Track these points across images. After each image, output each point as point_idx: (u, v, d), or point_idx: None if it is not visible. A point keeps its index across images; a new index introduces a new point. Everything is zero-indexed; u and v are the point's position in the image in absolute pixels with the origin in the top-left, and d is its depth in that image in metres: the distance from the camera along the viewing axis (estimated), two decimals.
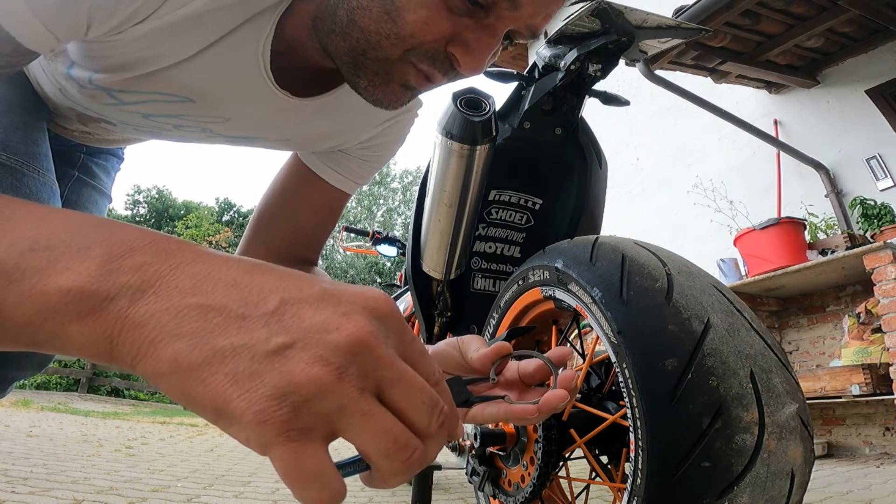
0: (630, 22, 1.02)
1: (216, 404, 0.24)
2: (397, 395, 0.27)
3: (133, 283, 0.26)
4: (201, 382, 0.25)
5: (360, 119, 0.76)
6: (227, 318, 0.26)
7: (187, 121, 0.71)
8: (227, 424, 0.25)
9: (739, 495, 0.62)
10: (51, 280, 0.26)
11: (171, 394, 0.26)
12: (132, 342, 0.25)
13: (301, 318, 0.26)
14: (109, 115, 0.71)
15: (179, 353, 0.25)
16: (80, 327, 0.26)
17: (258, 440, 0.25)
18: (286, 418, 0.24)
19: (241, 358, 0.25)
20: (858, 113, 3.63)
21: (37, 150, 0.71)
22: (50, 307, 0.26)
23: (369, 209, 26.07)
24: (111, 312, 0.26)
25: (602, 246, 0.82)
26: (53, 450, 2.84)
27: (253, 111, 0.68)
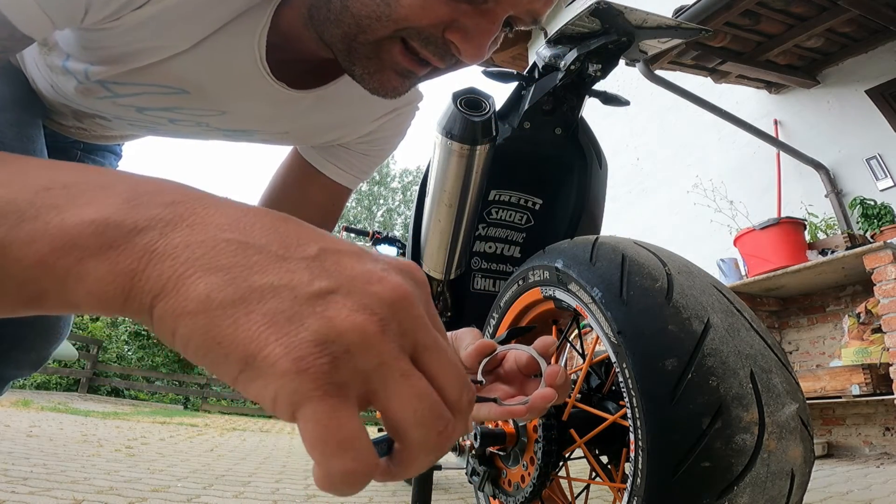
0: (630, 22, 1.02)
1: (247, 350, 0.22)
2: (432, 361, 0.25)
3: (164, 217, 0.24)
4: (233, 323, 0.22)
5: (359, 112, 0.76)
6: (266, 257, 0.24)
7: (182, 114, 0.70)
8: (254, 376, 0.22)
9: (739, 495, 0.62)
10: (70, 213, 0.24)
11: (191, 340, 0.22)
12: (157, 276, 0.23)
13: (343, 266, 0.25)
14: (103, 109, 0.71)
15: (212, 288, 0.22)
16: (98, 262, 0.23)
17: (292, 394, 0.21)
18: (326, 369, 0.22)
19: (282, 298, 0.23)
20: (858, 113, 3.63)
21: (31, 148, 0.70)
22: (68, 241, 0.23)
23: (369, 209, 26.07)
24: (137, 245, 0.23)
25: (602, 246, 0.82)
26: (53, 450, 2.84)
27: (249, 103, 0.68)
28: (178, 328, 0.22)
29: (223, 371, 0.23)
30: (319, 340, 0.22)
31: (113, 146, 0.97)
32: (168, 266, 0.23)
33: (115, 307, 0.24)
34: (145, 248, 0.23)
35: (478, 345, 0.47)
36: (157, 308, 0.23)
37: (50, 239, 0.23)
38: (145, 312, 0.23)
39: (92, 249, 0.23)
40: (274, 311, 0.22)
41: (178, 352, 0.25)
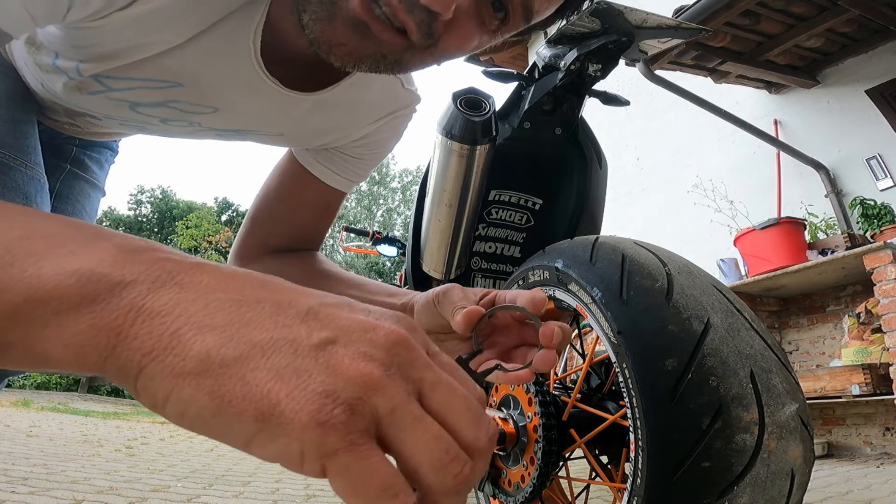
0: (630, 22, 1.02)
1: (261, 407, 0.21)
2: (440, 399, 0.24)
3: (152, 273, 0.23)
4: (241, 380, 0.21)
5: (356, 116, 0.75)
6: (261, 314, 0.23)
7: (174, 112, 0.69)
8: (273, 435, 0.21)
9: (739, 495, 0.62)
10: (50, 263, 0.22)
11: (192, 403, 0.21)
12: (147, 334, 0.21)
13: (337, 318, 0.24)
14: (94, 107, 0.70)
15: (211, 346, 0.21)
16: (79, 316, 0.22)
17: (318, 449, 0.21)
18: (345, 418, 0.21)
19: (284, 353, 0.22)
20: (858, 113, 3.63)
21: (25, 144, 0.69)
22: (45, 291, 0.22)
23: (369, 209, 26.07)
24: (124, 299, 0.22)
25: (602, 246, 0.82)
26: (53, 450, 2.84)
27: (243, 101, 0.67)
28: (175, 391, 0.21)
29: (234, 433, 0.21)
30: (329, 391, 0.21)
31: (110, 142, 0.97)
32: (158, 324, 0.22)
33: (92, 364, 0.22)
34: (132, 303, 0.22)
35: (465, 313, 0.46)
36: (148, 369, 0.21)
37: (25, 288, 0.22)
38: (130, 373, 0.22)
39: (72, 301, 0.22)
40: (279, 365, 0.22)
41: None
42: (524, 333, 0.48)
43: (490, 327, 0.49)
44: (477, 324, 0.47)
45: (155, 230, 23.40)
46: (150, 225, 23.90)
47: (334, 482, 0.21)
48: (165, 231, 23.01)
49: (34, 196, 0.69)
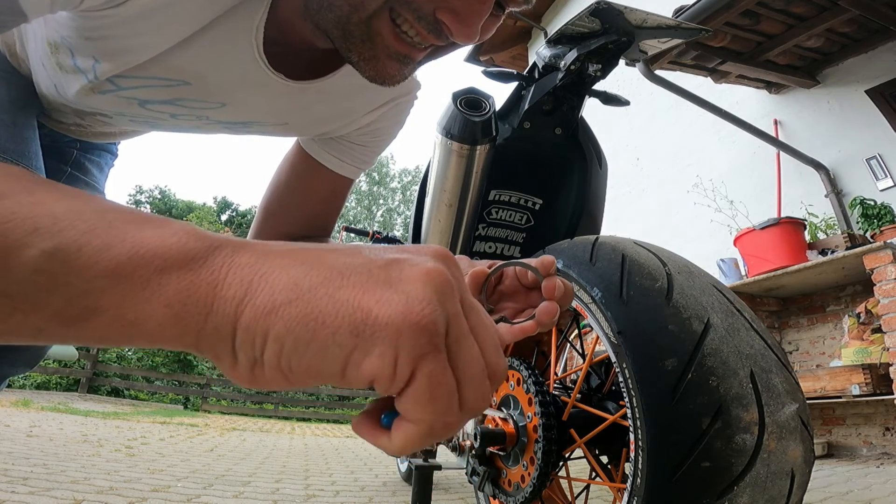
0: (630, 22, 1.02)
1: (354, 319, 0.22)
2: (475, 322, 0.26)
3: (231, 241, 0.25)
4: (330, 299, 0.22)
5: (357, 103, 0.77)
6: (331, 253, 0.25)
7: (183, 108, 0.70)
8: (370, 346, 0.22)
9: (739, 495, 0.62)
10: (148, 228, 0.23)
11: (289, 334, 0.22)
12: (239, 282, 0.23)
13: (394, 248, 0.26)
14: (105, 106, 0.71)
15: (297, 276, 0.23)
16: (182, 274, 0.23)
17: (413, 351, 0.22)
18: (434, 317, 0.23)
19: (362, 271, 0.24)
20: (858, 113, 3.63)
21: (26, 148, 0.70)
22: (148, 249, 0.22)
23: (369, 209, 26.07)
24: (217, 257, 0.23)
25: (602, 246, 0.82)
26: (53, 450, 2.84)
27: (248, 95, 0.69)
28: (271, 326, 0.22)
29: (331, 357, 0.22)
30: (413, 295, 0.23)
31: (110, 146, 0.98)
32: (248, 272, 0.23)
33: (192, 325, 0.23)
34: (223, 260, 0.23)
35: (471, 274, 0.48)
36: (245, 314, 0.22)
37: (129, 245, 0.22)
38: (227, 330, 0.22)
39: (174, 259, 0.23)
40: (362, 281, 0.23)
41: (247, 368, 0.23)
42: (530, 298, 0.49)
43: (498, 294, 0.50)
44: (484, 284, 0.47)
45: None
46: None
47: (414, 387, 0.23)
48: None
49: None
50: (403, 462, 2.57)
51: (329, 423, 11.74)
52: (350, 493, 2.26)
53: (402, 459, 2.57)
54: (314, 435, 6.65)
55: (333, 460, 3.64)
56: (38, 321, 0.22)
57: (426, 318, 0.22)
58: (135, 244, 0.23)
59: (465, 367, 0.24)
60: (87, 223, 0.23)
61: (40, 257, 0.21)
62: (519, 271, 0.48)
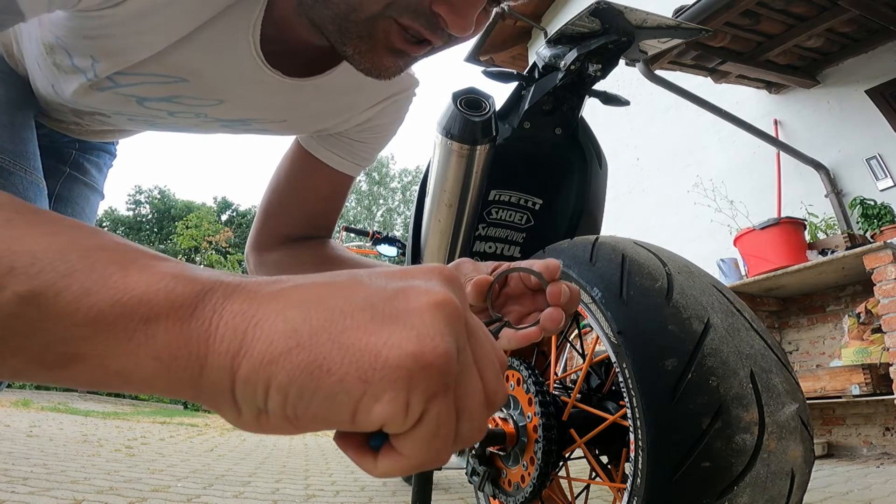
0: (630, 22, 1.02)
1: (361, 364, 0.20)
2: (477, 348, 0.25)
3: (223, 281, 0.23)
4: (333, 343, 0.21)
5: (356, 100, 0.77)
6: (331, 288, 0.23)
7: (181, 105, 0.70)
8: (378, 394, 0.20)
9: (739, 495, 0.62)
10: (133, 271, 0.21)
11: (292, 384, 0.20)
12: (232, 332, 0.21)
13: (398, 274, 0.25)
14: (103, 105, 0.71)
15: (296, 321, 0.21)
16: (169, 324, 0.21)
17: (425, 392, 0.21)
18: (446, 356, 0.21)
19: (365, 308, 0.22)
20: (858, 113, 3.63)
21: (24, 149, 0.71)
22: (133, 297, 0.21)
23: (369, 209, 26.07)
24: (206, 305, 0.22)
25: (602, 246, 0.82)
26: (53, 450, 2.84)
27: (246, 92, 0.69)
28: (273, 377, 0.20)
29: (340, 406, 0.21)
30: (423, 332, 0.21)
31: (108, 146, 0.98)
32: (241, 320, 0.21)
33: (187, 378, 0.21)
34: (213, 307, 0.22)
35: (474, 283, 0.47)
36: (242, 367, 0.21)
37: (112, 292, 0.21)
38: (225, 383, 0.21)
39: (161, 308, 0.21)
40: (367, 319, 0.21)
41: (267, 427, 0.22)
42: (537, 302, 0.48)
43: (503, 298, 0.50)
44: (489, 291, 0.47)
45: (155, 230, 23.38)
46: (149, 225, 23.89)
47: (421, 428, 0.21)
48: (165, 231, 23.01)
49: (34, 201, 0.70)
50: None
51: None
52: (350, 493, 2.26)
53: None
54: (314, 435, 6.65)
55: (333, 460, 3.64)
56: (17, 364, 0.21)
57: (439, 357, 0.21)
58: (117, 291, 0.21)
59: (465, 401, 0.23)
60: (67, 264, 0.21)
61: (14, 301, 0.20)
62: (523, 274, 0.48)
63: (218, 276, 0.23)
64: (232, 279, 0.23)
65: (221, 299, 0.22)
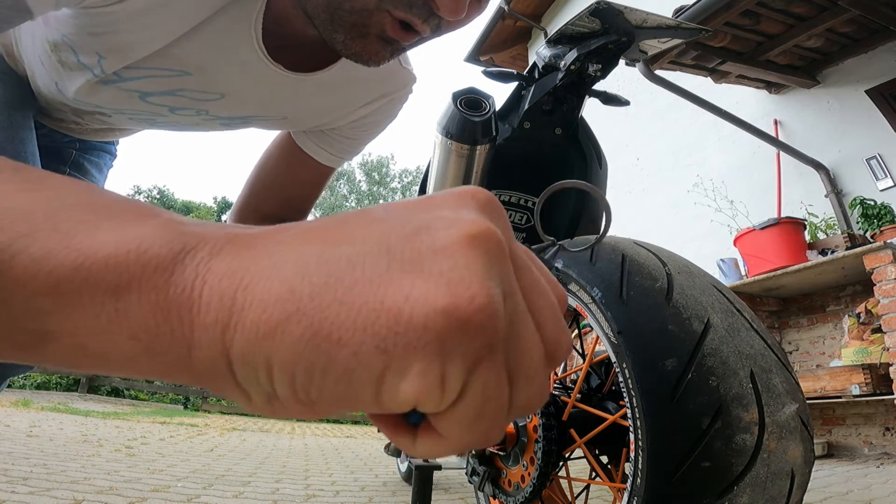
0: (630, 22, 1.02)
1: (378, 329, 0.16)
2: (534, 300, 0.20)
3: (210, 238, 0.18)
4: (341, 304, 0.16)
5: (355, 96, 0.78)
6: (332, 232, 0.18)
7: (183, 99, 0.71)
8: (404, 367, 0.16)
9: (739, 495, 0.62)
10: (102, 230, 0.18)
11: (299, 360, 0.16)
12: (218, 302, 0.17)
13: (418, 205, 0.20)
14: (106, 102, 0.71)
15: (293, 279, 0.17)
16: (142, 294, 0.17)
17: (464, 361, 0.16)
18: (487, 309, 0.16)
19: (379, 252, 0.17)
20: (858, 113, 3.63)
21: (23, 150, 0.71)
22: (98, 259, 0.17)
23: None
24: (187, 267, 0.17)
25: (602, 246, 0.82)
26: (53, 450, 2.84)
27: (247, 86, 0.70)
28: (273, 354, 0.16)
29: (359, 384, 0.16)
30: (455, 279, 0.16)
31: (108, 145, 0.98)
32: (227, 283, 0.17)
33: (175, 359, 0.17)
34: (196, 270, 0.17)
35: None
36: (236, 343, 0.17)
37: (73, 254, 0.17)
38: (220, 357, 0.17)
39: (132, 273, 0.17)
40: (382, 268, 0.17)
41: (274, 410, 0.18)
42: None
43: None
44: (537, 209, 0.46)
45: None
46: None
47: (463, 405, 0.17)
48: None
49: None
50: (403, 462, 2.57)
51: (329, 423, 11.73)
52: (350, 493, 2.26)
53: (403, 459, 2.57)
54: (314, 435, 6.65)
55: (333, 460, 3.64)
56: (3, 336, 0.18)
57: (480, 310, 0.16)
58: (80, 253, 0.17)
59: (519, 361, 0.18)
60: (29, 224, 0.17)
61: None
62: None
63: (206, 230, 0.19)
64: (223, 232, 0.19)
65: (206, 258, 0.18)
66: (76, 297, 0.17)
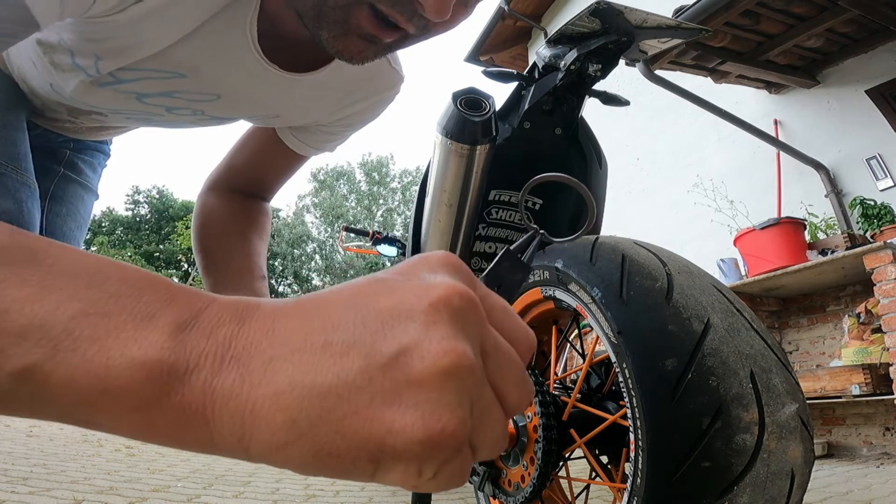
0: (630, 22, 1.02)
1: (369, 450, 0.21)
2: (497, 366, 0.24)
3: (210, 351, 0.22)
4: (336, 433, 0.20)
5: (346, 96, 0.79)
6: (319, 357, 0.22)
7: (179, 100, 0.72)
8: (391, 466, 0.21)
9: (739, 495, 0.62)
10: (115, 351, 0.21)
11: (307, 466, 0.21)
12: (230, 418, 0.21)
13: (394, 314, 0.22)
14: (102, 103, 0.72)
15: (293, 411, 0.21)
16: (162, 412, 0.21)
17: (434, 463, 0.21)
18: (453, 430, 0.21)
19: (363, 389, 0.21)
20: (858, 113, 3.63)
21: (15, 151, 0.71)
22: (118, 387, 0.20)
23: (369, 209, 26.05)
24: (195, 387, 0.21)
25: (602, 246, 0.82)
26: (53, 450, 2.84)
27: (243, 87, 0.71)
28: (285, 461, 0.21)
29: (357, 476, 0.22)
30: (428, 410, 0.21)
31: (102, 145, 0.99)
32: (235, 406, 0.21)
33: (204, 446, 0.22)
34: (203, 389, 0.21)
35: None
36: (252, 449, 0.21)
37: (95, 381, 0.20)
38: (240, 452, 0.21)
39: (148, 397, 0.20)
40: (366, 402, 0.21)
41: None
42: None
43: None
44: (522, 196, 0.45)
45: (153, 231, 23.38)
46: (148, 225, 23.89)
47: (435, 482, 0.22)
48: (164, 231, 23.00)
49: (25, 202, 0.70)
50: None
51: None
52: (350, 492, 2.26)
53: None
54: None
55: None
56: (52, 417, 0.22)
57: (450, 436, 0.21)
58: (99, 379, 0.20)
59: (484, 439, 0.23)
60: (50, 339, 0.20)
61: (11, 380, 0.20)
62: None
63: (201, 345, 0.22)
64: (216, 346, 0.22)
65: (210, 378, 0.21)
66: (108, 411, 0.21)
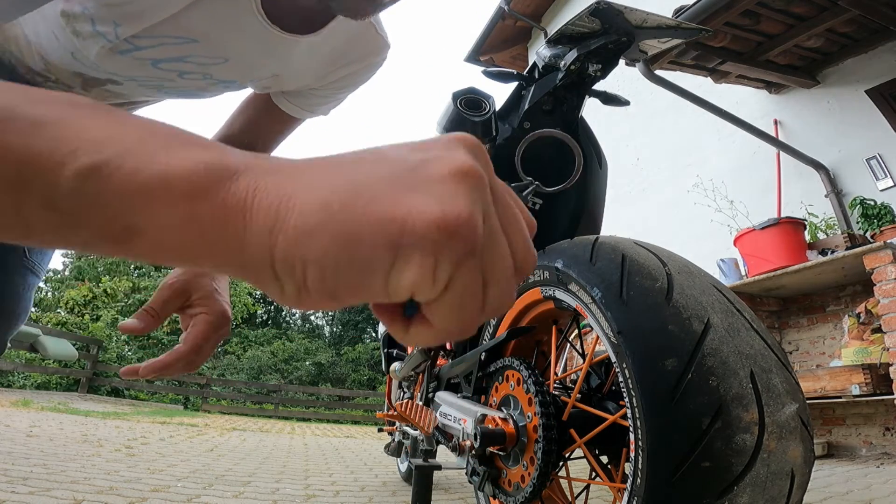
0: (630, 22, 1.02)
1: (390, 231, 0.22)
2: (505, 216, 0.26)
3: (259, 164, 0.24)
4: (362, 214, 0.22)
5: (339, 59, 0.85)
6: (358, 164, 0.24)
7: (190, 65, 0.77)
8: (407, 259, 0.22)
9: (739, 495, 0.62)
10: (180, 153, 0.24)
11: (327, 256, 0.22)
12: (266, 209, 0.22)
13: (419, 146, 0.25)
14: (120, 69, 0.77)
15: (325, 196, 0.22)
16: (210, 198, 0.23)
17: (451, 256, 0.22)
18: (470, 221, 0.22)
19: (390, 178, 0.23)
20: (858, 113, 3.63)
21: None
22: (178, 174, 0.23)
23: None
24: (241, 182, 0.23)
25: (602, 246, 0.82)
26: (53, 450, 2.84)
27: (249, 49, 0.76)
28: (308, 251, 0.22)
29: (373, 274, 0.22)
30: (446, 196, 0.22)
31: None
32: (274, 197, 0.23)
33: (232, 254, 0.23)
34: (248, 184, 0.23)
35: None
36: (279, 242, 0.22)
37: (159, 168, 0.23)
38: (266, 252, 0.23)
39: (203, 184, 0.23)
40: (392, 190, 0.22)
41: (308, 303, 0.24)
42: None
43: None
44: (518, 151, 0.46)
45: None
46: None
47: (448, 295, 0.23)
48: None
49: None
50: (403, 462, 2.57)
51: (329, 423, 11.74)
52: (350, 493, 2.26)
53: (402, 459, 2.57)
54: (314, 435, 6.65)
55: (333, 460, 3.64)
56: (87, 237, 0.24)
57: (463, 223, 0.22)
58: (163, 167, 0.23)
59: (493, 268, 0.24)
60: (122, 144, 0.23)
61: (75, 177, 0.23)
62: None
63: (254, 158, 0.25)
64: (266, 161, 0.25)
65: (256, 177, 0.23)
66: (160, 199, 0.23)
